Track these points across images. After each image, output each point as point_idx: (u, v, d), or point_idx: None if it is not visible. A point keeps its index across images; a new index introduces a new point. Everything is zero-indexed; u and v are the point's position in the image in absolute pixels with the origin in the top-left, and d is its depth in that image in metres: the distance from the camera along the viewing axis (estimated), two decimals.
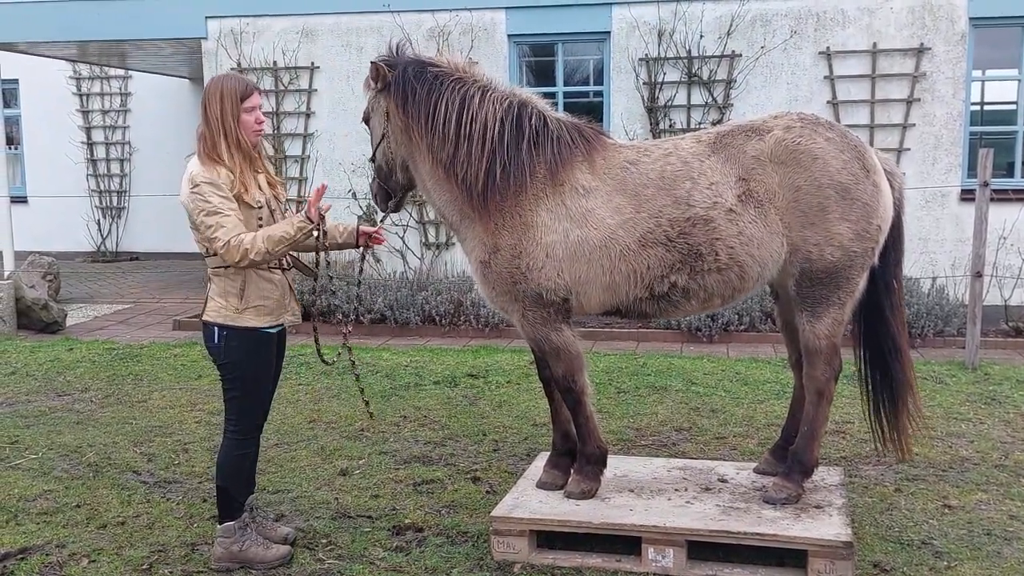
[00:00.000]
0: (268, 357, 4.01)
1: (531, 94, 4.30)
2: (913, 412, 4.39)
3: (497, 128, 4.06)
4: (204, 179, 3.78)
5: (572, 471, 4.38)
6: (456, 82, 4.14)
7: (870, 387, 4.45)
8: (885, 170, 4.18)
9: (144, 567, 4.06)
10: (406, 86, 4.13)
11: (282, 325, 4.03)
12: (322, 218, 3.93)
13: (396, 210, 4.55)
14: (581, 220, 4.03)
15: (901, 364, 4.34)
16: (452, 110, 4.07)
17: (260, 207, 3.92)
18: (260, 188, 3.96)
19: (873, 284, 4.25)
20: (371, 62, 4.24)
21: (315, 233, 3.94)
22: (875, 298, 4.29)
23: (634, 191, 4.06)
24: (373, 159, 4.39)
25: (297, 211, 4.34)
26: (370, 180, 4.56)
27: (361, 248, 4.29)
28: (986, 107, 10.90)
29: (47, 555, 4.18)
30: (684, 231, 4.00)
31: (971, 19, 9.20)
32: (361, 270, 4.78)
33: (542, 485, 4.41)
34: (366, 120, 4.40)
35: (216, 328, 3.91)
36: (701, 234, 3.99)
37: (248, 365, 3.93)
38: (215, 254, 3.83)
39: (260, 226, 3.90)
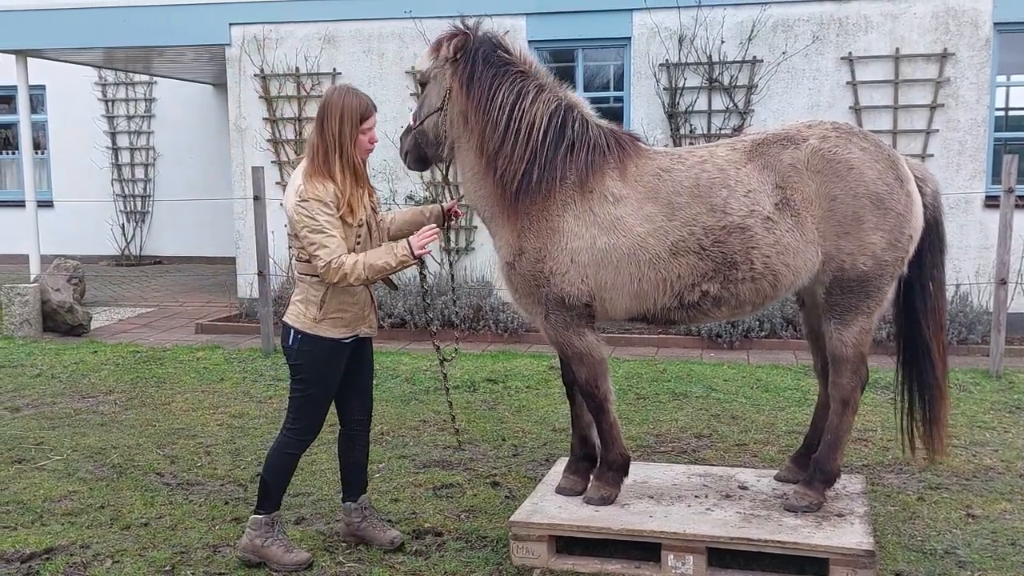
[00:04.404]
0: (338, 365, 4.06)
1: (579, 98, 4.29)
2: (939, 418, 4.35)
3: (542, 129, 4.06)
4: (314, 195, 3.83)
5: (592, 476, 4.38)
6: (519, 75, 4.13)
7: (902, 389, 4.43)
8: (917, 176, 4.18)
9: (167, 568, 4.10)
10: (474, 68, 4.09)
11: (358, 336, 4.08)
12: (416, 255, 3.96)
13: (419, 170, 4.55)
14: (609, 227, 4.02)
15: (932, 368, 4.31)
16: (507, 102, 4.06)
17: (361, 226, 3.97)
18: (364, 206, 3.99)
19: (909, 286, 4.25)
20: (454, 26, 4.17)
21: (415, 266, 4.08)
22: (910, 300, 4.29)
23: (667, 199, 4.04)
24: (420, 122, 4.28)
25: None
26: (403, 133, 4.45)
27: (446, 224, 4.34)
28: (1011, 113, 10.80)
29: (71, 555, 4.23)
30: (719, 239, 3.99)
31: (995, 24, 9.11)
32: (451, 270, 4.68)
33: (561, 491, 4.41)
34: (423, 83, 4.32)
35: (293, 331, 4.00)
36: (737, 243, 3.98)
37: (316, 370, 4.01)
38: (307, 261, 3.92)
39: (358, 243, 3.96)
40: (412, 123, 4.36)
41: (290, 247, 4.02)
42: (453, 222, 4.37)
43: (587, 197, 4.05)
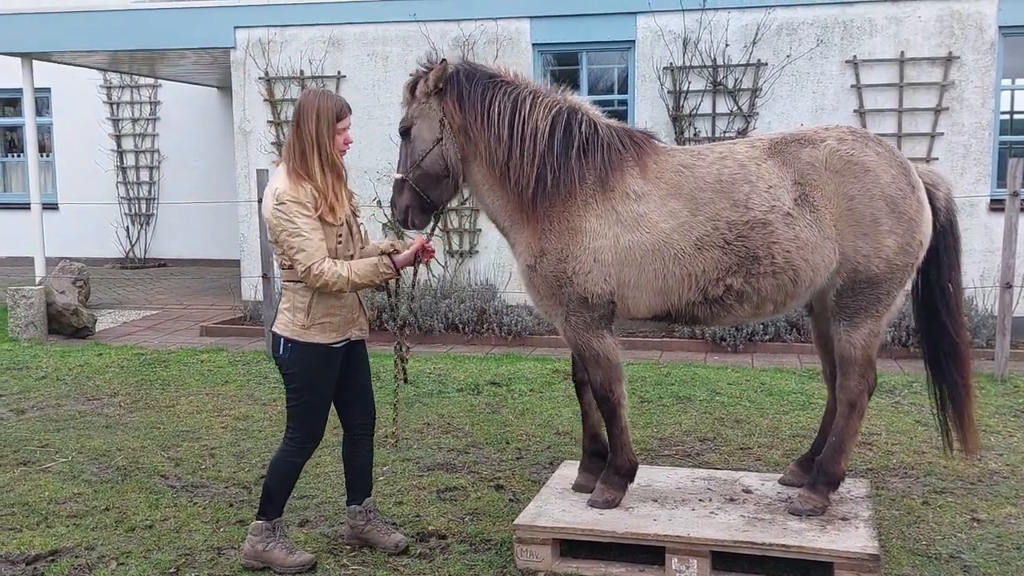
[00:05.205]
0: (331, 371, 4.05)
1: (581, 100, 4.30)
2: (968, 416, 4.37)
3: (547, 134, 4.09)
4: (290, 197, 3.83)
5: (598, 480, 4.38)
6: (507, 85, 4.16)
7: (934, 390, 4.46)
8: (928, 182, 4.22)
9: (171, 571, 4.10)
10: (461, 85, 4.13)
11: (349, 340, 4.09)
12: (399, 271, 4.00)
13: (423, 226, 4.37)
14: (632, 225, 4.04)
15: (959, 367, 4.34)
16: (505, 112, 4.09)
17: (342, 225, 3.98)
18: (343, 204, 3.98)
19: (929, 288, 4.30)
20: (428, 61, 4.20)
21: (391, 282, 4.12)
22: (931, 302, 4.32)
23: (690, 195, 4.07)
24: (418, 163, 4.17)
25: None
26: (394, 194, 4.30)
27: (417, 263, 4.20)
28: (1016, 116, 10.78)
29: (76, 557, 4.24)
30: (742, 234, 4.02)
31: (1000, 28, 9.10)
32: (414, 284, 4.57)
33: (578, 488, 4.45)
34: (405, 131, 4.25)
35: (282, 340, 3.99)
36: (759, 237, 4.01)
37: (309, 378, 4.01)
38: (291, 267, 3.92)
39: (339, 242, 3.96)
40: (403, 173, 4.23)
41: (274, 254, 4.01)
42: (426, 262, 4.21)
43: (608, 196, 4.07)
